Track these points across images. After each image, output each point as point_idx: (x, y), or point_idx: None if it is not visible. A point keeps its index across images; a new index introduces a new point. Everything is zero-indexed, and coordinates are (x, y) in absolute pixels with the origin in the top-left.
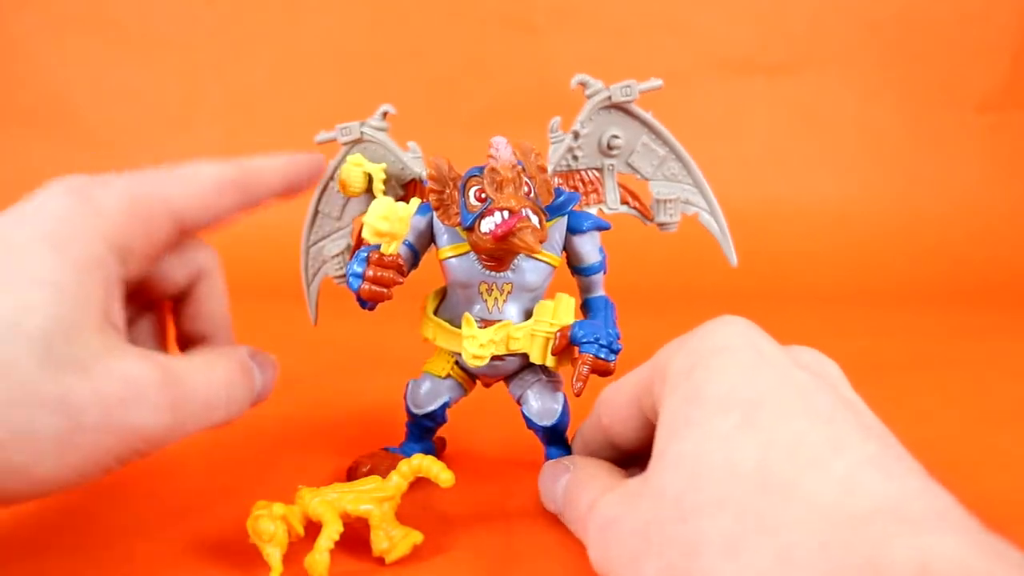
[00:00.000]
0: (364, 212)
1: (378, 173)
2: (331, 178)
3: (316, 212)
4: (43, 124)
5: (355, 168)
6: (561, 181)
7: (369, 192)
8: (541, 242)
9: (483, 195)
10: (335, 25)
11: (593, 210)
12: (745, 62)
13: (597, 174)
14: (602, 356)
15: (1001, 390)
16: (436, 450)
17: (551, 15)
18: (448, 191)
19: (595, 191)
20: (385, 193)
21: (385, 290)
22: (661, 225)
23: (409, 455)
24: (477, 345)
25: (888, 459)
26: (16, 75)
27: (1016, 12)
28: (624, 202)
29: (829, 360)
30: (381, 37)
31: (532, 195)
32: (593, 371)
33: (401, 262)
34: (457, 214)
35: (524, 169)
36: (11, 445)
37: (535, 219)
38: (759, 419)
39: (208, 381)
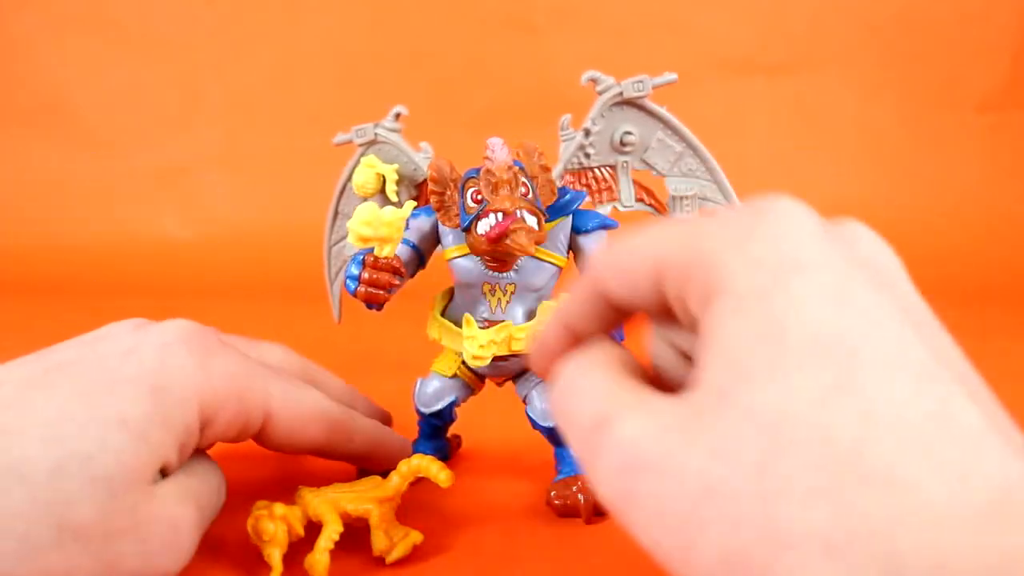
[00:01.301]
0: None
1: (390, 174)
2: (348, 179)
3: (336, 213)
4: (43, 124)
5: (368, 169)
6: (573, 179)
7: (383, 193)
8: (538, 243)
9: (479, 196)
10: (335, 25)
11: (607, 208)
12: (745, 62)
13: (610, 171)
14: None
15: (1001, 390)
16: (451, 448)
17: (552, 15)
18: (449, 192)
19: (608, 189)
20: (398, 194)
21: (381, 292)
22: None
23: (420, 452)
24: (477, 346)
25: (995, 435)
26: (16, 75)
27: (1016, 12)
28: (639, 199)
29: (881, 243)
30: (381, 37)
31: (530, 195)
32: None
33: (397, 264)
34: (457, 215)
35: (523, 169)
36: None
37: (531, 220)
38: (855, 380)
39: (219, 489)
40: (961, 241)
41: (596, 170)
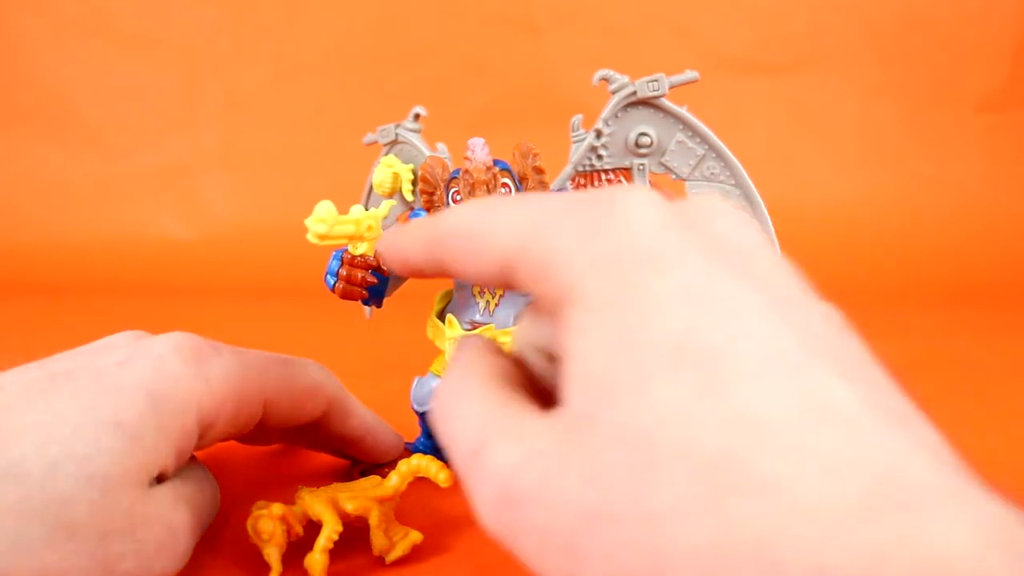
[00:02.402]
0: (405, 212)
1: (405, 174)
2: None
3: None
4: (43, 124)
5: (386, 169)
6: (584, 182)
7: (400, 193)
8: None
9: (459, 197)
10: (336, 25)
11: None
12: (745, 62)
13: (624, 174)
14: None
15: (1001, 390)
16: None
17: (552, 15)
18: (439, 193)
19: None
20: (413, 193)
21: (356, 289)
22: None
23: (421, 450)
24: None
25: (874, 414)
26: (16, 75)
27: (1016, 12)
28: None
29: (737, 217)
30: (382, 37)
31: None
32: None
33: (375, 262)
34: None
35: (508, 170)
36: None
37: None
38: (720, 383)
39: (213, 496)
40: (961, 241)
41: (608, 172)
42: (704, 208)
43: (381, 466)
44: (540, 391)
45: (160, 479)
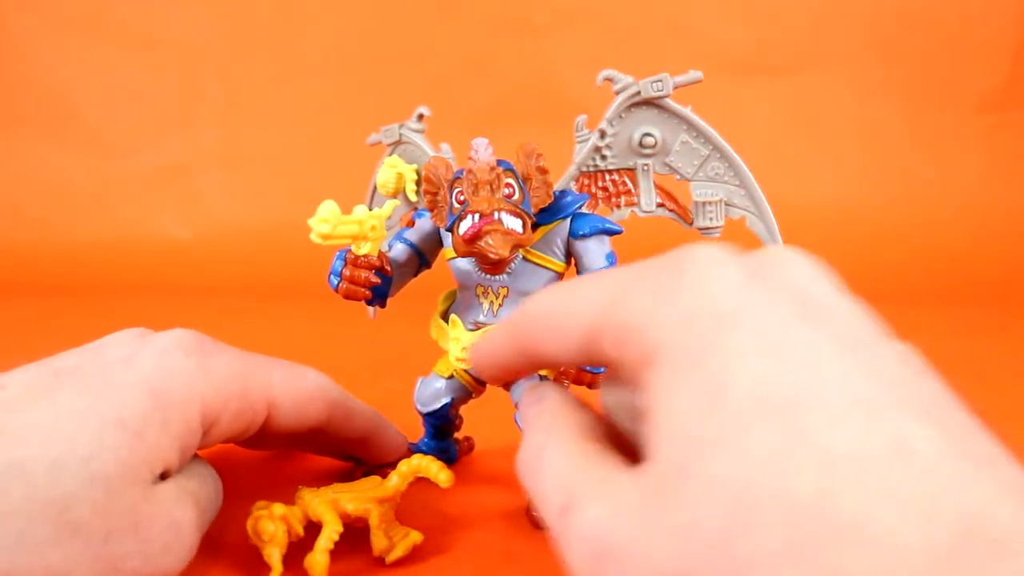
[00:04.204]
0: (409, 212)
1: (409, 174)
2: None
3: None
4: (43, 124)
5: (390, 169)
6: (588, 182)
7: (403, 193)
8: (521, 246)
9: (462, 197)
10: (336, 25)
11: (625, 212)
12: (745, 62)
13: (628, 174)
14: (587, 368)
15: (1001, 390)
16: (459, 450)
17: (553, 15)
18: (442, 193)
19: (627, 192)
20: (417, 193)
21: (360, 289)
22: (703, 230)
23: (425, 450)
24: (460, 347)
25: (958, 456)
26: (17, 75)
27: (1016, 12)
28: (660, 205)
29: (811, 266)
30: (382, 37)
31: (516, 197)
32: (576, 383)
33: (378, 263)
34: (447, 216)
35: (511, 170)
36: None
37: (512, 222)
38: (805, 430)
39: (217, 493)
40: (961, 241)
41: (613, 173)
42: (776, 258)
43: (382, 466)
44: (623, 444)
45: (164, 476)
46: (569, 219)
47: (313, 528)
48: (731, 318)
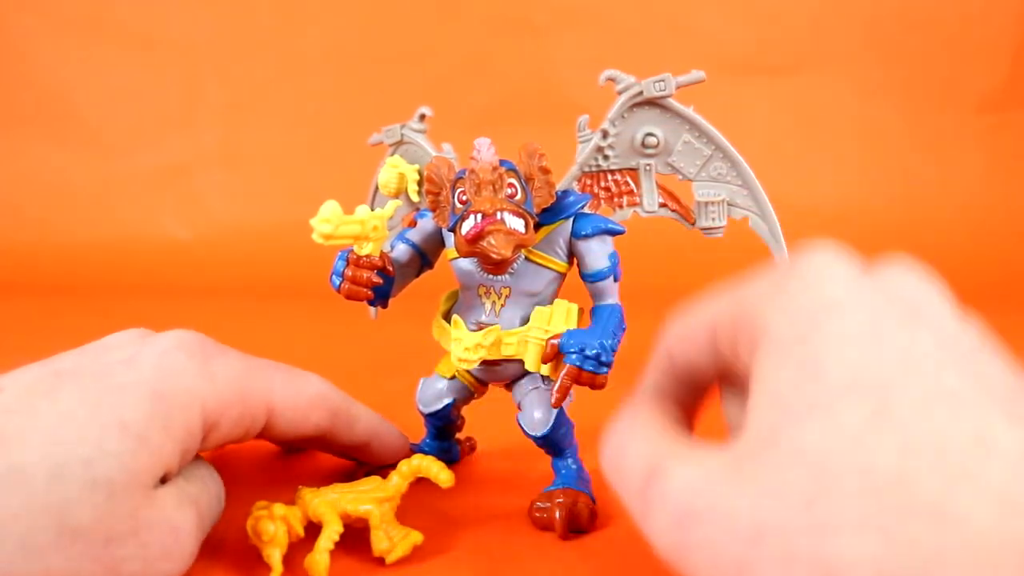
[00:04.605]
0: (410, 212)
1: (411, 174)
2: None
3: None
4: (43, 124)
5: (392, 169)
6: (591, 182)
7: (405, 193)
8: (523, 246)
9: (464, 197)
10: (336, 25)
11: (627, 213)
12: (745, 62)
13: (631, 174)
14: (587, 368)
15: None
16: (461, 450)
17: (553, 15)
18: (444, 193)
19: (629, 192)
20: (419, 194)
21: (362, 290)
22: (705, 230)
23: (427, 451)
24: (463, 348)
25: None
26: (17, 75)
27: (1016, 12)
28: (662, 205)
29: (921, 279)
30: (382, 37)
31: (518, 197)
32: (576, 383)
33: (380, 263)
34: (449, 216)
35: (514, 170)
36: None
37: (514, 222)
38: (892, 412)
39: (218, 496)
40: (961, 241)
41: (615, 173)
42: (892, 268)
43: (384, 466)
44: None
45: (164, 479)
46: (571, 219)
47: (313, 528)
48: (836, 306)
